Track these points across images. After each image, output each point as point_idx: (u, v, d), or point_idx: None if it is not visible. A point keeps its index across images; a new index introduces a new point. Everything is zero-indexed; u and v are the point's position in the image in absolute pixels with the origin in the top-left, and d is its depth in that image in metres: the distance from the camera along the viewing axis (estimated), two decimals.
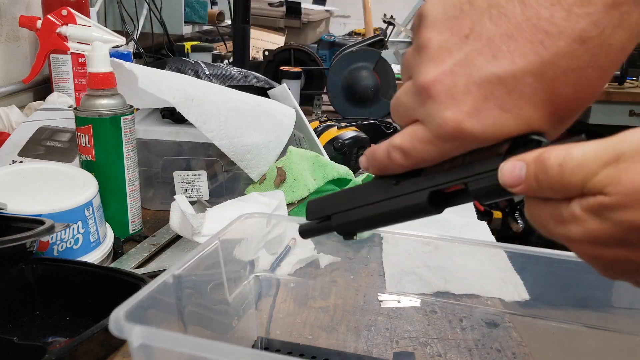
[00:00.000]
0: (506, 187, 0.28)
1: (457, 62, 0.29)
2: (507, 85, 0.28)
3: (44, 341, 0.54)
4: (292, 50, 1.66)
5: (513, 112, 0.28)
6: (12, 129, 0.93)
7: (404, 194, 0.32)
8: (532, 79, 0.27)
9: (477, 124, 0.28)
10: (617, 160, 0.24)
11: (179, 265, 0.42)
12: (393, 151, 0.32)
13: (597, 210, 0.25)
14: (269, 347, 0.54)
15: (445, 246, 0.52)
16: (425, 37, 0.30)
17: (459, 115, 0.28)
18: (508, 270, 0.51)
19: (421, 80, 0.29)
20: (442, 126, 0.29)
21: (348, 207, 0.35)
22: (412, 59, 0.31)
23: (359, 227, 0.36)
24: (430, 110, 0.29)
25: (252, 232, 0.53)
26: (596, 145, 0.25)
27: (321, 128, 1.08)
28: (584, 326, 0.46)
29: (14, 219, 0.57)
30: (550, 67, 0.27)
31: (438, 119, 0.29)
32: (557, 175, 0.26)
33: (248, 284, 0.54)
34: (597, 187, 0.25)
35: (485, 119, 0.28)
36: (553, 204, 0.27)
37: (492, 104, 0.28)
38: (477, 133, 0.28)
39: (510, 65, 0.27)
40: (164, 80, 0.79)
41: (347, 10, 3.28)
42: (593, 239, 0.26)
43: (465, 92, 0.28)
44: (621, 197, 0.24)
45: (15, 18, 1.13)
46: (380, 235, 0.60)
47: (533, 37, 0.27)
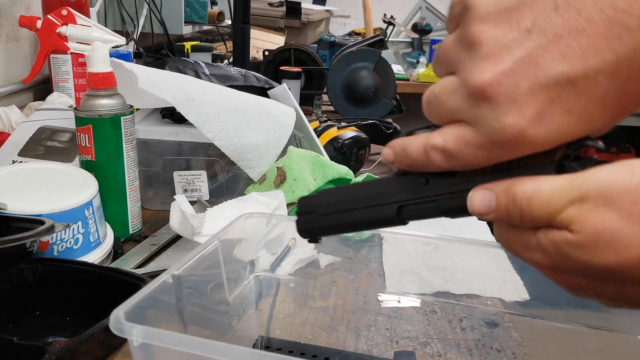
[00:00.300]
0: (476, 215, 0.28)
1: (519, 60, 0.25)
2: (577, 86, 0.25)
3: (44, 341, 0.54)
4: (292, 50, 1.66)
5: (580, 115, 0.26)
6: (12, 129, 0.93)
7: (437, 195, 0.30)
8: (605, 78, 0.25)
9: (539, 130, 0.26)
10: (581, 200, 0.25)
11: (179, 265, 0.42)
12: (433, 151, 0.29)
13: (559, 245, 0.26)
14: (269, 346, 0.54)
15: (445, 246, 0.52)
16: (477, 30, 0.26)
17: (521, 121, 0.26)
18: (508, 270, 0.51)
19: (475, 80, 0.26)
20: (501, 132, 0.26)
21: (361, 205, 0.33)
22: (457, 53, 0.28)
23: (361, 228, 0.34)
24: (486, 114, 0.26)
25: (252, 232, 0.53)
26: (563, 182, 0.26)
27: (321, 128, 1.08)
28: (584, 326, 0.46)
29: (14, 219, 0.57)
30: (626, 65, 0.25)
31: (496, 124, 0.26)
32: (526, 208, 0.26)
33: (248, 284, 0.54)
34: (563, 223, 0.26)
35: (550, 124, 0.26)
36: (520, 231, 0.28)
37: (558, 107, 0.25)
38: (538, 140, 0.26)
39: (582, 64, 0.25)
40: (164, 80, 0.79)
41: (347, 10, 3.28)
42: (557, 267, 0.27)
43: (529, 94, 0.25)
44: (583, 237, 0.25)
45: (15, 18, 1.13)
46: (380, 235, 0.60)
47: (608, 31, 0.24)
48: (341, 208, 0.34)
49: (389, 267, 0.58)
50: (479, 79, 0.26)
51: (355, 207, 0.33)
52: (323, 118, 1.18)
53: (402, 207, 0.32)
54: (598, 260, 0.25)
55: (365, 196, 0.33)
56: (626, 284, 0.26)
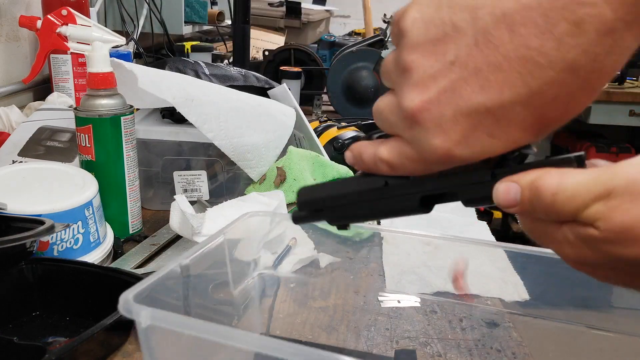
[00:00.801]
0: (501, 207, 0.29)
1: (443, 90, 0.28)
2: (495, 115, 0.27)
3: (44, 341, 0.54)
4: (292, 50, 1.66)
5: (502, 138, 0.28)
6: (12, 129, 0.93)
7: (396, 196, 0.33)
8: (520, 107, 0.27)
9: (465, 150, 0.28)
10: (607, 196, 0.25)
11: (187, 255, 0.42)
12: (380, 163, 0.32)
13: (587, 240, 0.26)
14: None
15: (446, 246, 0.52)
16: (408, 59, 0.29)
17: (447, 144, 0.28)
18: (508, 270, 0.51)
19: (406, 105, 0.29)
20: (430, 152, 0.29)
21: (340, 203, 0.35)
22: (394, 74, 0.31)
23: (351, 221, 0.37)
24: (418, 136, 0.29)
25: (256, 230, 0.53)
26: (588, 178, 0.26)
27: (321, 128, 1.08)
28: (585, 326, 0.46)
29: (14, 219, 0.57)
30: (539, 97, 0.27)
31: (426, 145, 0.29)
32: (551, 204, 0.27)
33: (252, 281, 0.54)
34: (589, 219, 0.26)
35: (474, 145, 0.28)
36: (546, 224, 0.28)
37: (480, 132, 0.28)
38: (466, 157, 0.29)
39: (498, 96, 0.27)
40: (164, 80, 0.79)
41: (347, 10, 3.28)
42: (585, 261, 0.28)
43: (453, 121, 0.28)
44: (610, 233, 0.25)
45: (15, 18, 1.13)
46: (381, 235, 0.60)
47: (522, 67, 0.26)
48: (320, 206, 0.37)
49: (389, 267, 0.58)
50: (410, 104, 0.29)
51: (333, 204, 0.36)
52: (323, 118, 1.18)
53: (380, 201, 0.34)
54: (628, 254, 0.25)
55: (347, 192, 0.35)
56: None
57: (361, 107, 1.56)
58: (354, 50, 1.56)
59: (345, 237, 0.63)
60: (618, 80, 2.49)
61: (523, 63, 0.26)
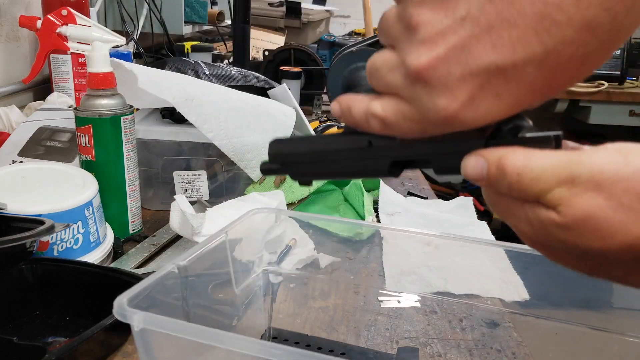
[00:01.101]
0: (468, 179, 0.28)
1: (453, 47, 0.26)
2: (506, 74, 0.26)
3: (43, 341, 0.54)
4: (292, 50, 1.66)
5: (508, 100, 0.27)
6: (12, 129, 0.93)
7: (374, 158, 0.32)
8: (533, 68, 0.26)
9: (469, 113, 0.27)
10: (571, 182, 0.25)
11: (185, 256, 0.42)
12: (372, 118, 0.30)
13: (546, 224, 0.26)
14: (277, 337, 0.54)
15: (445, 246, 0.52)
16: (415, 12, 0.27)
17: (453, 104, 0.27)
18: (508, 271, 0.51)
19: (411, 62, 0.28)
20: (433, 112, 0.28)
21: (314, 159, 0.35)
22: (397, 31, 0.29)
23: (317, 178, 0.37)
24: (421, 95, 0.28)
25: (259, 228, 0.53)
26: (555, 161, 0.26)
27: (321, 128, 1.08)
28: (585, 327, 0.46)
29: (14, 219, 0.57)
30: (554, 56, 0.25)
31: (429, 105, 0.28)
32: (515, 183, 0.27)
33: (255, 279, 0.54)
34: (551, 203, 0.26)
35: (479, 107, 0.27)
36: (509, 199, 0.28)
37: (487, 93, 0.27)
38: (468, 121, 0.28)
39: (511, 55, 0.26)
40: (164, 80, 0.79)
41: (347, 10, 3.28)
42: (540, 241, 0.28)
43: (461, 81, 0.27)
44: (569, 220, 0.25)
45: (15, 18, 1.13)
46: (381, 235, 0.60)
47: (538, 24, 0.25)
48: (290, 160, 0.36)
49: (389, 267, 0.58)
50: (416, 62, 0.27)
51: (303, 160, 0.36)
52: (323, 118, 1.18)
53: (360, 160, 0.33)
54: (582, 243, 0.26)
55: (326, 147, 0.35)
56: (609, 265, 0.27)
57: None
58: (354, 50, 1.56)
59: (345, 237, 0.63)
60: (618, 80, 2.49)
61: (539, 20, 0.25)
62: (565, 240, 0.26)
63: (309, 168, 0.35)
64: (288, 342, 0.53)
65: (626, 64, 2.44)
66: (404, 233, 0.54)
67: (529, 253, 0.48)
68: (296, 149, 0.36)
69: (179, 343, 0.35)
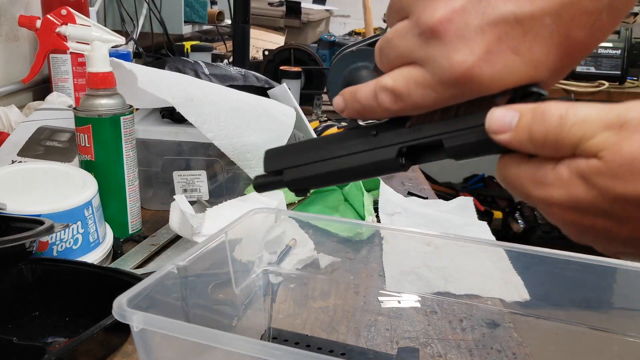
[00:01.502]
0: (491, 132, 0.26)
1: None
2: (523, 25, 0.26)
3: (43, 341, 0.54)
4: (292, 50, 1.66)
5: (525, 56, 0.26)
6: (11, 128, 0.92)
7: (377, 148, 0.30)
8: (550, 19, 0.26)
9: (486, 69, 0.26)
10: (620, 126, 0.24)
11: (185, 256, 0.42)
12: (382, 93, 0.29)
13: (586, 174, 0.24)
14: (277, 337, 0.54)
15: (446, 246, 0.52)
16: None
17: (469, 58, 0.26)
18: (508, 271, 0.51)
19: (426, 18, 0.27)
20: (449, 70, 0.27)
21: (311, 159, 0.33)
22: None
23: (314, 184, 0.34)
24: (436, 52, 0.27)
25: (259, 228, 0.53)
26: (601, 108, 0.25)
27: (321, 128, 1.08)
28: (585, 327, 0.46)
29: (14, 219, 0.57)
30: (570, 8, 0.25)
31: (445, 62, 0.27)
32: (556, 128, 0.25)
33: (255, 279, 0.54)
34: (592, 150, 0.24)
35: (496, 63, 0.26)
36: (536, 164, 0.26)
37: (505, 46, 0.26)
38: (485, 79, 0.27)
39: (529, 5, 0.25)
40: (163, 80, 0.79)
41: (347, 9, 3.28)
42: (575, 205, 0.25)
43: (478, 32, 0.26)
44: (615, 165, 0.24)
45: (14, 18, 1.13)
46: (381, 235, 0.60)
47: None
48: (284, 166, 0.34)
49: (389, 267, 0.58)
50: (431, 16, 0.27)
51: (298, 163, 0.33)
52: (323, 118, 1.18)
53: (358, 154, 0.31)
54: (629, 190, 0.23)
55: (325, 149, 0.33)
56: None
57: None
58: (354, 50, 1.56)
59: (345, 237, 0.63)
60: (618, 80, 2.49)
61: None
62: (607, 191, 0.24)
63: (310, 171, 0.33)
64: (288, 343, 0.53)
65: (627, 64, 2.43)
66: (404, 233, 0.53)
67: (529, 253, 0.48)
68: (295, 152, 0.34)
69: (179, 343, 0.35)
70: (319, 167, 0.32)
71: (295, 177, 0.33)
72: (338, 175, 0.32)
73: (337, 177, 0.32)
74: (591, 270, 0.46)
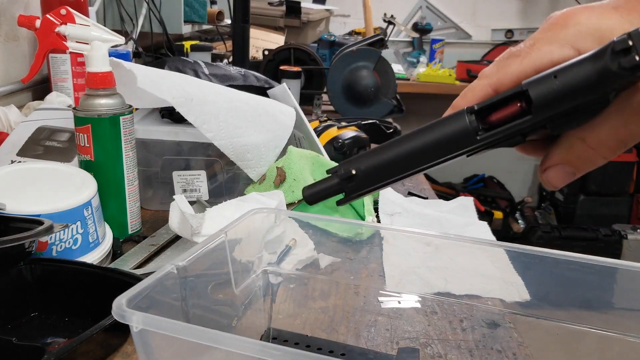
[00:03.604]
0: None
1: None
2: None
3: (42, 342, 0.53)
4: (292, 49, 1.65)
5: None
6: (10, 128, 0.92)
7: (443, 121, 0.29)
8: None
9: None
10: None
11: (184, 256, 0.42)
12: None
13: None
14: (277, 337, 0.54)
15: (446, 246, 0.52)
16: None
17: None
18: (509, 271, 0.51)
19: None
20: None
21: (376, 153, 0.31)
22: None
23: (383, 174, 0.31)
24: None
25: (258, 228, 0.53)
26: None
27: (321, 128, 1.08)
28: (586, 327, 0.46)
29: (13, 219, 0.56)
30: None
31: None
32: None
33: (254, 279, 0.54)
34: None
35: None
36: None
37: None
38: None
39: None
40: (163, 79, 0.79)
41: (347, 9, 3.28)
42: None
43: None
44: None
45: (14, 17, 1.13)
46: (381, 235, 0.60)
47: None
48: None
49: (389, 267, 0.58)
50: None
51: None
52: (323, 118, 1.18)
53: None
54: None
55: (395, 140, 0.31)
56: None
57: (361, 106, 1.55)
58: (354, 49, 1.56)
59: (345, 238, 0.63)
60: None
61: None
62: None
63: (380, 159, 0.31)
64: (288, 343, 0.53)
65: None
66: (404, 233, 0.53)
67: (529, 253, 0.48)
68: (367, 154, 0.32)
69: (179, 344, 0.35)
70: (388, 153, 0.31)
71: (365, 166, 0.32)
72: (408, 160, 0.31)
73: (406, 161, 0.31)
74: (591, 270, 0.45)
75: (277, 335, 0.55)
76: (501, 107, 0.29)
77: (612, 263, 0.45)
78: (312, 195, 0.35)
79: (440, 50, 3.10)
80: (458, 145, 0.29)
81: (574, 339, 0.47)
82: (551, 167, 0.32)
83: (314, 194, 0.35)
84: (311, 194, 0.35)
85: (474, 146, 0.29)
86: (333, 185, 0.34)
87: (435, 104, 2.30)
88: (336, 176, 0.34)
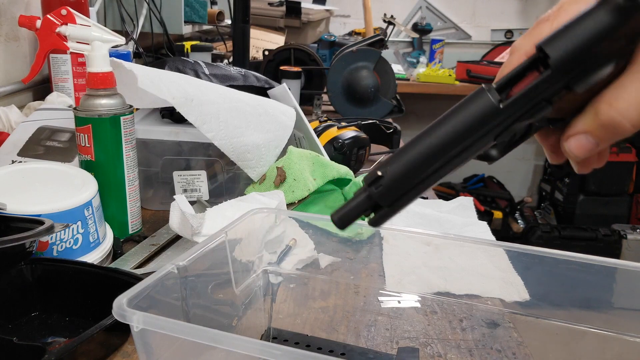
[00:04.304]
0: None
1: None
2: None
3: (43, 341, 0.54)
4: (292, 50, 1.66)
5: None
6: (11, 128, 0.92)
7: (466, 103, 0.28)
8: None
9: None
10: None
11: (185, 256, 0.42)
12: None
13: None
14: (277, 337, 0.54)
15: (446, 246, 0.52)
16: None
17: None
18: (508, 271, 0.51)
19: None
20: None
21: (405, 152, 0.29)
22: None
23: (415, 173, 0.29)
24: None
25: (259, 228, 0.53)
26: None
27: (321, 128, 1.08)
28: (585, 327, 0.46)
29: (14, 219, 0.57)
30: None
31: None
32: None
33: (255, 279, 0.54)
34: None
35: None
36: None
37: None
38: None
39: None
40: (163, 80, 0.79)
41: (347, 9, 3.28)
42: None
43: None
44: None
45: (14, 18, 1.13)
46: (381, 235, 0.60)
47: None
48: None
49: (389, 267, 0.58)
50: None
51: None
52: (323, 118, 1.18)
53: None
54: None
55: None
56: None
57: (361, 106, 1.55)
58: (354, 50, 1.56)
59: (345, 237, 0.63)
60: None
61: None
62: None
63: (409, 157, 0.29)
64: (288, 343, 0.53)
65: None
66: (404, 233, 0.53)
67: (529, 253, 0.48)
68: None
69: (179, 343, 0.35)
70: (413, 145, 0.30)
71: (391, 164, 0.30)
72: (435, 148, 0.29)
73: (434, 149, 0.29)
74: (591, 270, 0.46)
75: (277, 334, 0.55)
76: (522, 78, 0.29)
77: (612, 263, 0.45)
78: (341, 219, 0.32)
79: (440, 50, 3.10)
80: (484, 121, 0.28)
81: (573, 338, 0.47)
82: (573, 136, 0.30)
83: (342, 217, 0.32)
84: (340, 217, 0.32)
85: (500, 119, 0.28)
86: (361, 199, 0.31)
87: (435, 104, 2.30)
88: (363, 189, 0.31)
